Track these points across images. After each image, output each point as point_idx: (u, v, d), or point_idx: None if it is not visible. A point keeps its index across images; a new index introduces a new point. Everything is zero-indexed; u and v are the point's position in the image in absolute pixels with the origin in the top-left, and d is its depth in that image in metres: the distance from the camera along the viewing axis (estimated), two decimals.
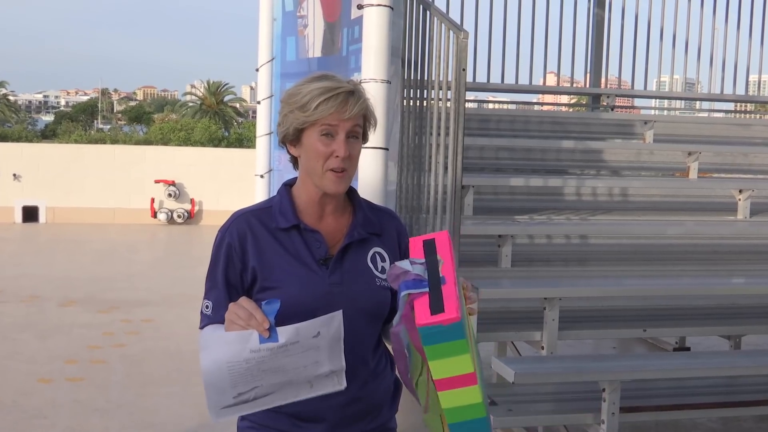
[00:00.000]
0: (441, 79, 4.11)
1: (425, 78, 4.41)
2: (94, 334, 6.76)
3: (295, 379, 1.67)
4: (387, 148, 4.15)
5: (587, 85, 7.57)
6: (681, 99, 9.04)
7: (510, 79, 6.92)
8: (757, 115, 8.82)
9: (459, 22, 4.40)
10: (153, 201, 15.36)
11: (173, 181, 15.40)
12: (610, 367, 3.88)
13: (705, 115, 9.78)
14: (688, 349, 5.94)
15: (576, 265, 4.99)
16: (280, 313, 1.67)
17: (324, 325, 1.67)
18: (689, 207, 5.57)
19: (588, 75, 7.47)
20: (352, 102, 1.82)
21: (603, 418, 3.65)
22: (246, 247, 1.88)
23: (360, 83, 1.90)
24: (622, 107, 8.54)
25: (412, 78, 4.51)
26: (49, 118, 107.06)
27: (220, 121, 59.78)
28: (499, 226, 4.65)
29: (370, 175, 4.06)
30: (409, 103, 4.55)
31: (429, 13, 4.32)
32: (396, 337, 1.62)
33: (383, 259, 1.93)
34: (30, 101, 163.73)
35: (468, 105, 4.99)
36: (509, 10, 6.79)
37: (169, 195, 15.38)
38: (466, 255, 4.32)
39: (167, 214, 15.28)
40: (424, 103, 4.43)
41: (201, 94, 69.74)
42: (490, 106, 8.00)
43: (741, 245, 5.40)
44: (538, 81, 7.61)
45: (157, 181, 15.33)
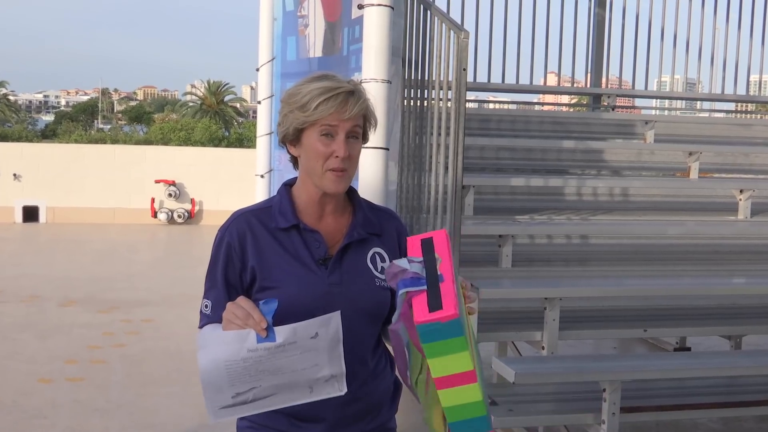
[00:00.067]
0: (441, 78, 4.11)
1: (426, 78, 4.40)
2: (94, 334, 6.75)
3: (295, 382, 1.66)
4: (387, 148, 4.14)
5: (588, 85, 7.57)
6: (682, 99, 9.04)
7: (511, 79, 6.94)
8: (758, 115, 8.83)
9: (459, 22, 4.40)
10: (153, 201, 15.36)
11: (173, 181, 15.40)
12: (611, 367, 3.88)
13: (706, 115, 9.79)
14: (689, 349, 5.94)
15: (577, 265, 4.99)
16: (280, 313, 1.66)
17: (322, 326, 1.66)
18: (690, 207, 5.57)
19: (589, 75, 7.47)
20: (352, 102, 1.82)
21: (603, 418, 3.65)
22: (245, 247, 1.87)
23: (360, 83, 1.90)
24: (622, 107, 8.55)
25: (412, 78, 4.51)
26: (49, 118, 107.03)
27: (220, 121, 59.76)
28: (500, 226, 4.65)
29: (371, 175, 4.06)
30: (409, 103, 4.54)
31: (429, 12, 4.32)
32: (395, 334, 1.62)
33: (383, 260, 1.92)
34: (30, 101, 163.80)
35: (468, 105, 4.99)
36: (510, 9, 6.81)
37: (170, 195, 15.38)
38: (466, 255, 4.32)
39: (167, 214, 15.28)
40: (425, 103, 4.43)
41: (201, 94, 69.71)
42: (491, 106, 8.00)
43: (742, 245, 5.40)
44: (539, 81, 7.62)
45: (157, 181, 15.34)
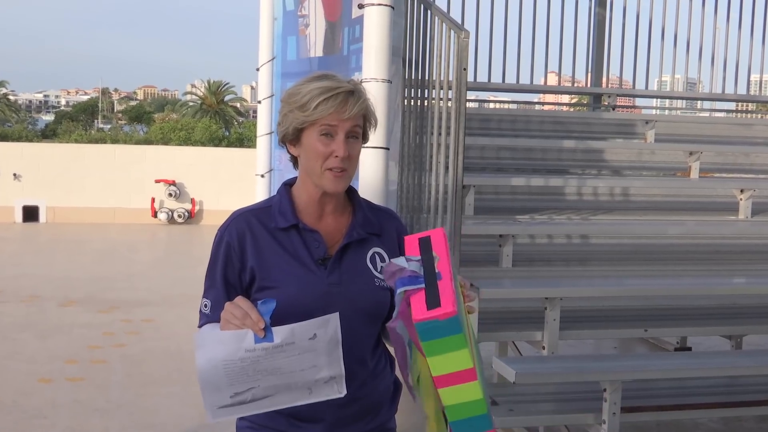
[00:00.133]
0: (442, 78, 4.10)
1: (426, 77, 4.40)
2: (94, 334, 6.75)
3: (294, 383, 1.66)
4: (388, 148, 4.14)
5: (588, 85, 7.56)
6: (682, 99, 9.02)
7: (511, 79, 6.92)
8: (759, 115, 8.82)
9: (460, 22, 4.40)
10: (153, 201, 15.36)
11: (174, 181, 15.40)
12: (611, 367, 3.87)
13: (706, 114, 9.78)
14: (690, 349, 5.94)
15: (577, 264, 4.99)
16: (279, 313, 1.66)
17: (320, 327, 1.66)
18: (690, 207, 5.57)
19: (589, 74, 7.46)
20: (352, 102, 1.81)
21: (604, 418, 3.65)
22: (245, 247, 1.87)
23: (361, 83, 1.89)
24: (623, 107, 8.54)
25: (413, 77, 4.50)
26: (49, 117, 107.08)
27: (220, 120, 59.79)
28: (500, 226, 4.64)
29: (371, 174, 4.06)
30: (410, 102, 4.54)
31: (430, 12, 4.31)
32: (393, 332, 1.61)
33: (383, 260, 1.92)
34: (30, 101, 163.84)
35: (469, 104, 4.97)
36: (510, 9, 6.80)
37: (170, 195, 15.37)
38: (467, 255, 4.31)
39: (168, 213, 15.28)
40: (425, 103, 4.42)
41: (201, 94, 69.72)
42: (491, 105, 7.98)
43: (742, 245, 5.40)
44: (539, 80, 7.60)
45: (157, 181, 15.33)
